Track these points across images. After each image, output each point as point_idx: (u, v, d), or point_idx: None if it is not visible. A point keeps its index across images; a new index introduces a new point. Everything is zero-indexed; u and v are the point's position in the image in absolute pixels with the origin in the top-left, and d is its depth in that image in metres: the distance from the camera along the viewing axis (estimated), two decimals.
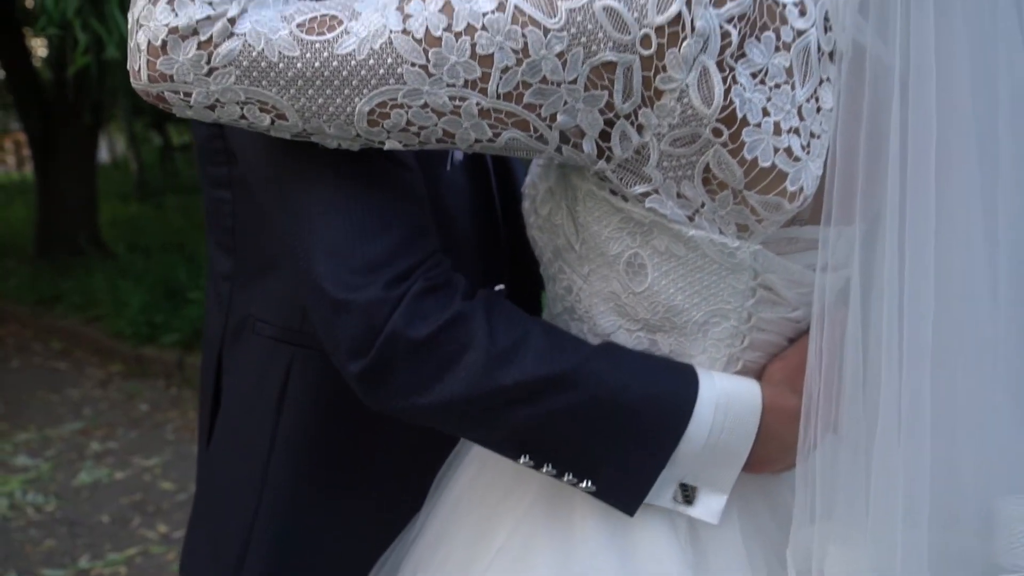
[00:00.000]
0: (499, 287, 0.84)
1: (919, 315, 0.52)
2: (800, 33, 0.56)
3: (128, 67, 0.58)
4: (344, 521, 0.83)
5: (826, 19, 0.57)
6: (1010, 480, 0.57)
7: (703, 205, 0.59)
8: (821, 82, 0.57)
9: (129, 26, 0.58)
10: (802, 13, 0.56)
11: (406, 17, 0.55)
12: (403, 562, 0.78)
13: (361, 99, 0.56)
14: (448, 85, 0.55)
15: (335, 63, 0.55)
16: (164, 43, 0.55)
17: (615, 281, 0.65)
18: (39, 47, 8.27)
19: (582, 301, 0.69)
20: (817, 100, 0.58)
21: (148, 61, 0.56)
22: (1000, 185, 0.53)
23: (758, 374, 0.66)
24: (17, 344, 5.97)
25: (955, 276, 0.53)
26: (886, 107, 0.54)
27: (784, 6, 0.56)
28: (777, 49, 0.56)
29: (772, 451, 0.64)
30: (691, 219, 0.60)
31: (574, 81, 0.55)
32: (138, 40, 0.56)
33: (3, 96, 10.08)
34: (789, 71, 0.56)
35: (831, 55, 0.58)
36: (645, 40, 0.54)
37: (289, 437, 0.81)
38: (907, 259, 0.52)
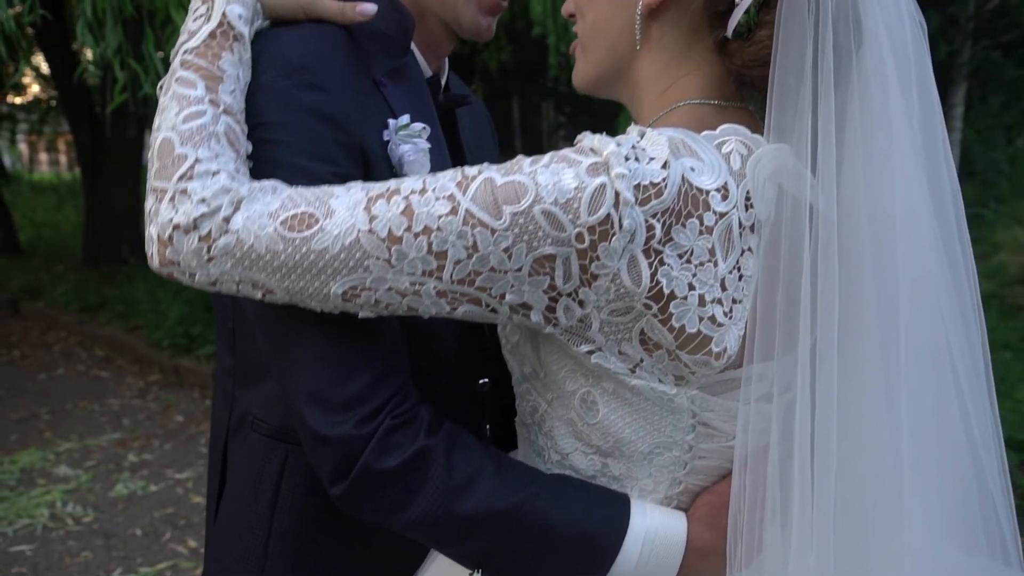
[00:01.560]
0: (483, 380, 0.91)
1: (826, 468, 0.57)
2: (722, 215, 0.62)
3: (145, 250, 0.69)
4: None
5: (747, 197, 0.62)
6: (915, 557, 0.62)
7: (642, 360, 0.67)
8: (743, 252, 0.64)
9: (145, 218, 0.68)
10: (724, 198, 0.62)
11: (372, 218, 0.63)
12: None
13: (335, 284, 0.65)
14: (409, 274, 0.64)
15: (312, 256, 0.64)
16: (170, 236, 0.66)
17: (572, 411, 0.72)
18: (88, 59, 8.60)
19: (546, 422, 0.76)
20: (739, 269, 0.64)
21: (158, 249, 0.67)
22: (903, 348, 0.57)
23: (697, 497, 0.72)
24: (63, 351, 6.21)
25: (860, 430, 0.58)
26: (798, 260, 0.59)
27: (707, 193, 0.62)
28: (701, 233, 0.62)
29: None
30: (632, 371, 0.67)
31: (519, 269, 0.63)
32: (149, 232, 0.67)
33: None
34: (712, 251, 0.63)
35: (752, 227, 0.63)
36: (579, 236, 0.61)
37: (284, 528, 0.89)
38: (816, 419, 0.57)
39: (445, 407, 0.85)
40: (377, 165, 0.81)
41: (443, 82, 0.99)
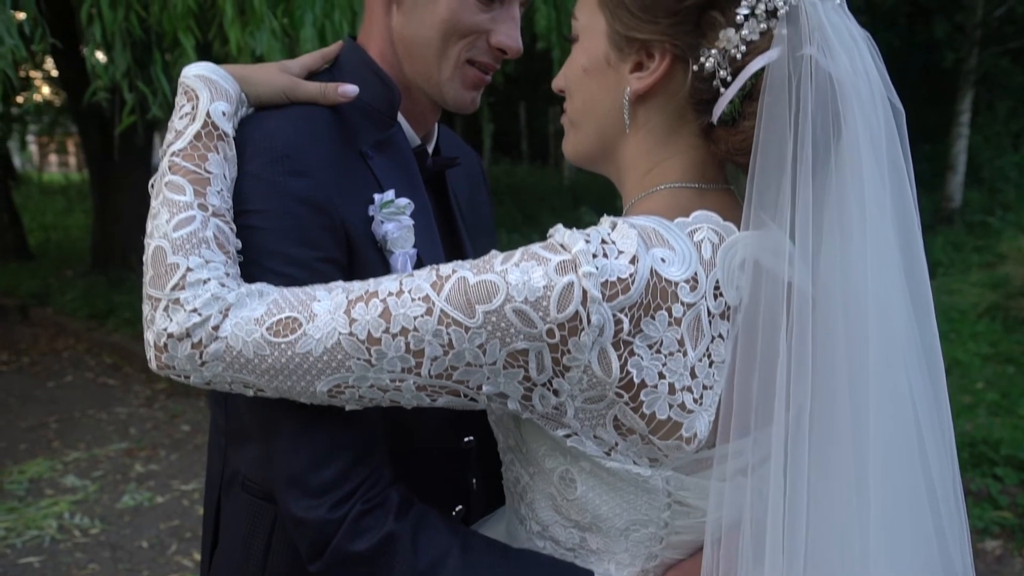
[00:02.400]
0: (468, 438, 0.93)
1: (797, 539, 0.59)
2: (690, 306, 0.65)
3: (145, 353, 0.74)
4: None
5: (716, 286, 0.65)
6: None
7: (617, 444, 0.69)
8: (713, 339, 0.66)
9: (143, 323, 0.73)
10: (692, 288, 0.65)
11: (352, 321, 0.67)
12: None
13: (320, 383, 0.69)
14: (389, 372, 0.68)
15: (297, 359, 0.69)
16: (165, 344, 0.70)
17: (552, 487, 0.75)
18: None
19: (527, 493, 0.79)
20: (710, 356, 0.66)
21: (155, 355, 0.72)
22: (871, 426, 0.60)
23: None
24: (72, 358, 6.26)
25: (831, 502, 0.60)
26: (775, 338, 0.62)
27: (676, 285, 0.64)
28: (670, 324, 0.65)
29: None
30: (608, 454, 0.70)
31: (494, 363, 0.66)
32: (147, 337, 0.72)
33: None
34: (681, 341, 0.65)
35: (723, 314, 0.65)
36: (550, 332, 0.64)
37: None
38: (789, 489, 0.60)
39: (430, 462, 0.89)
40: (362, 245, 0.84)
41: (431, 148, 1.01)
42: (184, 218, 0.74)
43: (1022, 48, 10.61)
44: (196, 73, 0.82)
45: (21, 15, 2.22)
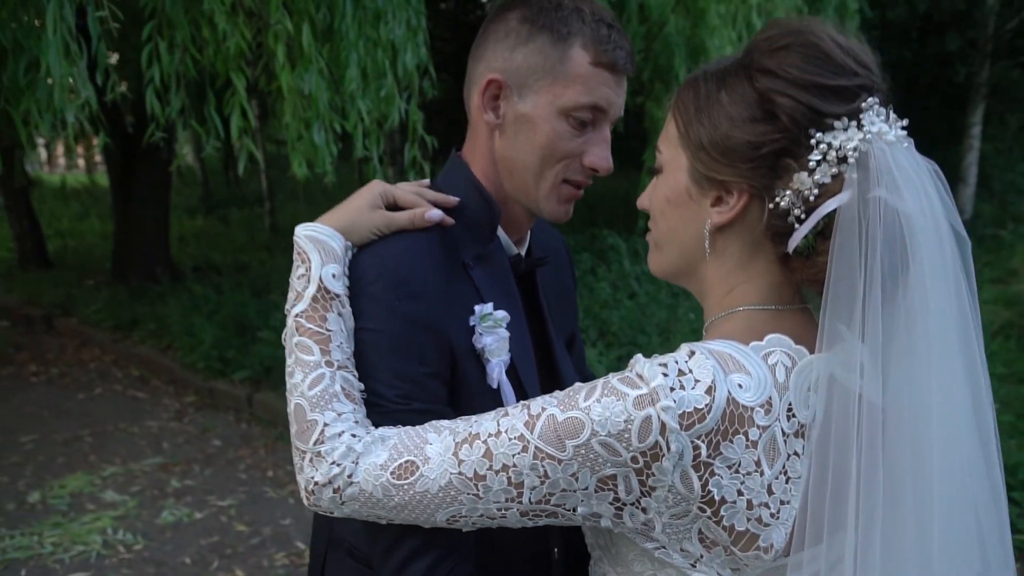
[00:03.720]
0: (555, 548, 1.04)
1: None
2: (765, 428, 0.74)
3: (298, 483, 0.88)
4: None
5: (789, 407, 0.75)
6: None
7: (702, 556, 0.79)
8: (789, 457, 0.75)
9: (295, 467, 0.88)
10: (767, 412, 0.74)
11: (460, 462, 0.79)
12: None
13: (439, 515, 0.82)
14: (495, 502, 0.79)
15: (417, 497, 0.81)
16: (312, 490, 0.85)
17: None
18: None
19: None
20: (786, 473, 0.76)
21: (305, 496, 0.87)
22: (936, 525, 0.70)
23: None
24: (99, 370, 6.38)
25: None
26: (846, 452, 0.72)
27: (752, 410, 0.73)
28: (747, 447, 0.74)
29: None
30: (693, 565, 0.80)
31: (586, 488, 0.76)
32: (299, 480, 0.87)
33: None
34: (758, 461, 0.74)
35: (797, 432, 0.75)
36: (634, 459, 0.74)
37: None
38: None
39: (519, 562, 1.00)
40: (462, 356, 0.96)
41: (523, 251, 1.12)
42: (316, 376, 0.88)
43: None
44: (306, 234, 0.95)
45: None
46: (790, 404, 0.76)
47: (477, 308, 0.97)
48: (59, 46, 2.00)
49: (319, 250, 0.93)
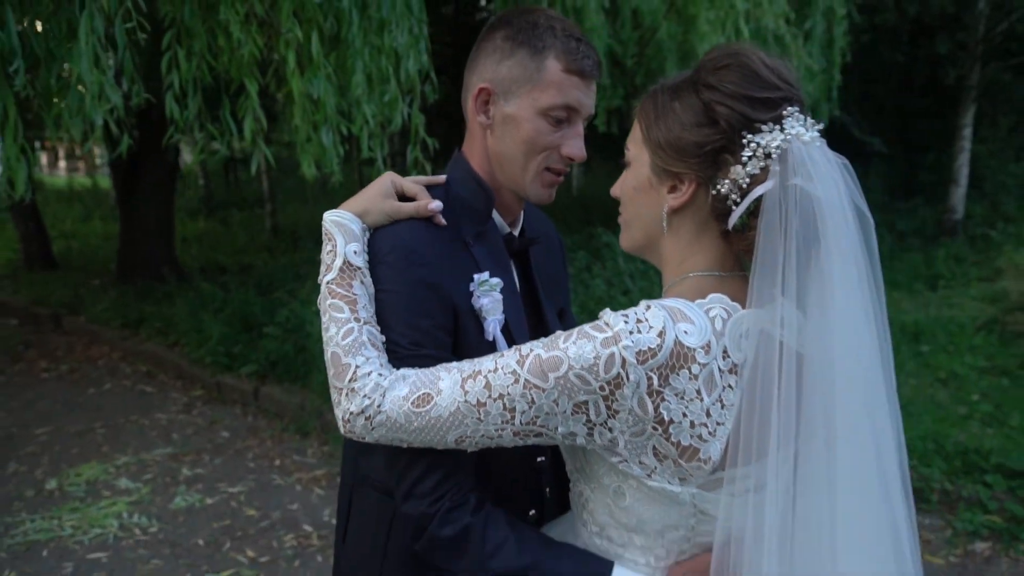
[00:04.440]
0: (541, 458, 1.22)
1: (782, 553, 0.87)
2: (704, 365, 0.92)
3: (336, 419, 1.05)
4: None
5: (725, 350, 0.92)
6: None
7: (655, 468, 0.96)
8: (724, 389, 0.93)
9: (333, 403, 1.06)
10: (706, 352, 0.92)
11: (465, 393, 0.98)
12: None
13: (448, 436, 1.00)
14: (493, 424, 0.97)
15: (432, 421, 0.99)
16: (348, 419, 1.03)
17: (608, 498, 1.02)
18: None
19: (588, 504, 1.06)
20: (721, 401, 0.93)
21: (342, 425, 1.04)
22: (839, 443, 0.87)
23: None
24: (108, 366, 6.55)
25: (809, 527, 0.88)
26: (768, 389, 0.89)
27: (694, 350, 0.91)
28: (689, 379, 0.92)
29: None
30: (649, 476, 0.97)
31: (564, 412, 0.94)
32: (336, 414, 1.05)
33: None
34: (699, 391, 0.92)
35: (731, 370, 0.93)
36: (601, 388, 0.92)
37: (396, 561, 1.22)
38: (786, 499, 0.88)
39: (512, 476, 1.17)
40: (464, 315, 1.15)
41: (517, 231, 1.31)
42: (347, 329, 1.06)
43: (1021, 65, 10.84)
44: (331, 219, 1.15)
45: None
46: (725, 347, 0.93)
47: (476, 276, 1.16)
48: (90, 56, 2.17)
49: (342, 232, 1.13)
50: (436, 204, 1.17)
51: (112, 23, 2.30)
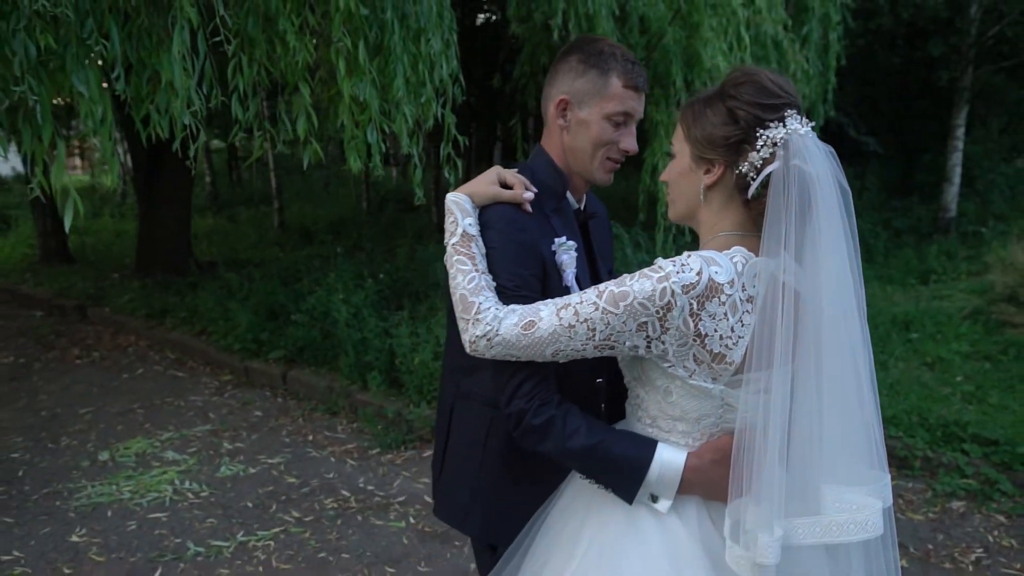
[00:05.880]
0: (599, 379, 1.55)
1: (782, 441, 1.21)
2: (729, 296, 1.25)
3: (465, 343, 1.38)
4: (518, 499, 1.55)
5: (743, 286, 1.26)
6: (832, 475, 1.25)
7: (695, 371, 1.29)
8: (744, 313, 1.26)
9: (461, 331, 1.38)
10: (731, 287, 1.25)
11: (560, 319, 1.30)
12: (540, 523, 1.50)
13: (547, 350, 1.32)
14: (580, 340, 1.30)
15: (535, 341, 1.31)
16: (474, 341, 1.35)
17: (658, 395, 1.35)
18: None
19: (643, 403, 1.39)
20: (742, 322, 1.26)
21: (470, 346, 1.36)
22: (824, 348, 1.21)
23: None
24: (137, 353, 6.86)
25: (802, 408, 1.21)
26: (774, 316, 1.23)
27: (722, 285, 1.25)
28: (719, 304, 1.25)
29: (691, 488, 1.35)
30: (690, 376, 1.30)
31: (630, 330, 1.27)
32: (463, 338, 1.37)
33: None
34: (726, 314, 1.25)
35: (748, 299, 1.26)
36: (657, 311, 1.25)
37: (491, 460, 1.57)
38: (786, 400, 1.21)
39: (577, 392, 1.51)
40: (550, 268, 1.50)
41: (583, 207, 1.67)
42: (471, 277, 1.40)
43: (1015, 66, 11.17)
44: (452, 199, 1.50)
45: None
46: (744, 284, 1.27)
47: (556, 240, 1.51)
48: (180, 64, 2.49)
49: (459, 209, 1.48)
50: (529, 195, 1.51)
51: (195, 35, 2.62)
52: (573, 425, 1.37)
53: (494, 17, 10.16)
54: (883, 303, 6.99)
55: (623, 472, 1.36)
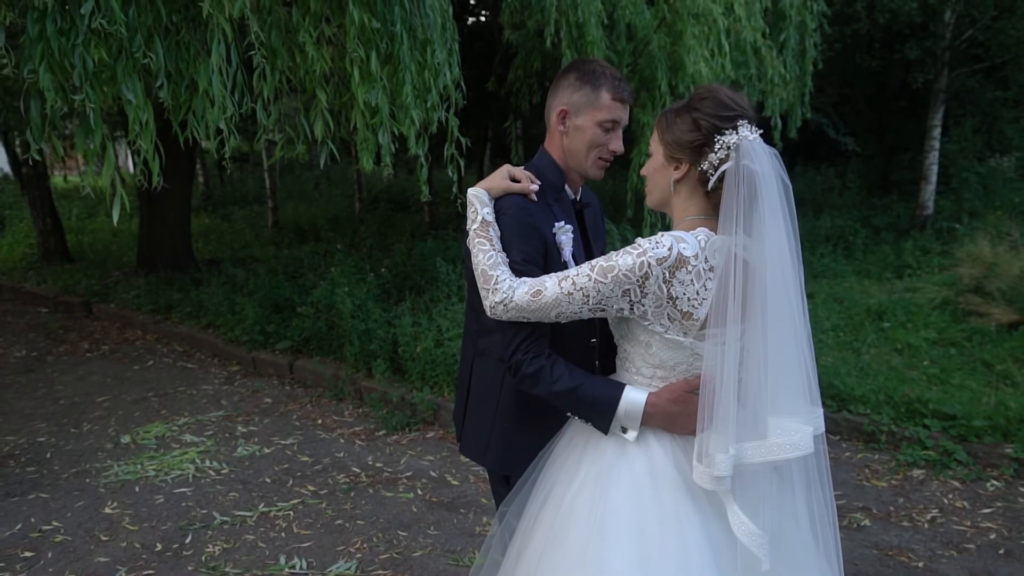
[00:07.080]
0: (593, 340, 1.88)
1: (733, 372, 1.53)
2: (694, 266, 1.57)
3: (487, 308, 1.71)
4: (528, 437, 1.87)
5: (706, 258, 1.58)
6: (775, 408, 1.58)
7: (669, 327, 1.61)
8: (707, 279, 1.58)
9: (482, 298, 1.71)
10: (695, 259, 1.57)
11: (560, 287, 1.63)
12: (547, 456, 1.82)
13: (552, 312, 1.64)
14: (577, 304, 1.62)
15: (543, 306, 1.64)
16: (493, 306, 1.68)
17: (641, 348, 1.67)
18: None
19: (630, 355, 1.71)
20: (705, 286, 1.59)
21: (490, 309, 1.69)
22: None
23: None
24: (145, 346, 7.12)
25: (752, 356, 1.54)
26: (727, 282, 1.56)
27: (689, 258, 1.57)
28: (687, 273, 1.57)
29: (652, 420, 1.66)
30: (666, 332, 1.62)
31: (617, 296, 1.59)
32: (484, 304, 1.70)
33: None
34: (692, 280, 1.57)
35: (710, 269, 1.59)
36: (638, 280, 1.57)
37: (504, 405, 1.89)
38: (739, 351, 1.54)
39: (576, 351, 1.82)
40: (551, 247, 1.82)
41: (578, 197, 1.99)
42: (489, 255, 1.73)
43: (988, 68, 11.57)
44: (472, 193, 1.82)
45: None
46: (706, 256, 1.59)
47: (556, 223, 1.83)
48: (218, 74, 2.80)
49: (479, 200, 1.81)
50: (534, 187, 1.84)
51: (229, 48, 2.93)
52: (558, 372, 1.70)
53: (483, 18, 10.49)
54: (859, 296, 7.36)
55: (597, 409, 1.68)
